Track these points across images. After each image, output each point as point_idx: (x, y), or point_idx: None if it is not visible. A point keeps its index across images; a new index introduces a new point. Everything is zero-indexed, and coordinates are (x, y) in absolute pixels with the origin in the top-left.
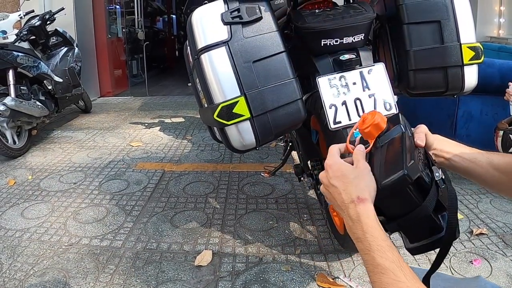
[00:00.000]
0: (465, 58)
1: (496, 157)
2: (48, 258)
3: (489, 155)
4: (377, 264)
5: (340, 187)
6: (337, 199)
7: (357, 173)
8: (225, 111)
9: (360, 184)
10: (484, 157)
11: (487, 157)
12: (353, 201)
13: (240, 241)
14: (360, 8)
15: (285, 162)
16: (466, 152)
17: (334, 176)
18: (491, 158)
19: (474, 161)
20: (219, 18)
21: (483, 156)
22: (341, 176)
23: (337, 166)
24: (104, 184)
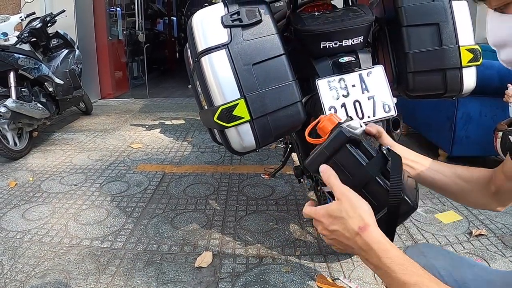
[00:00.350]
0: (463, 60)
1: (460, 168)
2: (49, 259)
3: (453, 167)
4: (403, 282)
5: (340, 228)
6: (344, 240)
7: (345, 207)
8: (225, 114)
9: (354, 215)
10: (449, 168)
11: (452, 169)
12: (357, 234)
13: (240, 242)
14: (359, 11)
15: (285, 164)
16: (431, 162)
17: (329, 223)
18: (455, 169)
19: (439, 171)
20: (219, 21)
21: (448, 167)
22: (333, 219)
23: (323, 213)
24: (104, 185)
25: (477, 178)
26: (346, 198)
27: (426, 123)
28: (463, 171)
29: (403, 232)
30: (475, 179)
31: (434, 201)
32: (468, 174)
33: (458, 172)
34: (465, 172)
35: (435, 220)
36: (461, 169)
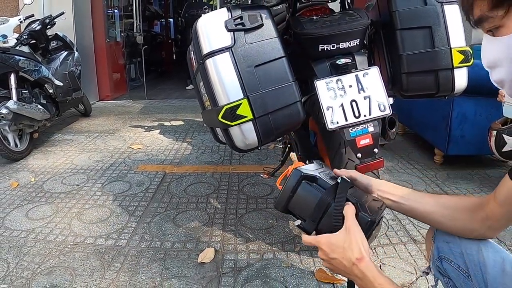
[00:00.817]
0: (455, 61)
1: (445, 197)
2: (54, 257)
3: (437, 197)
4: None
5: (339, 256)
6: (341, 267)
7: (349, 238)
8: (229, 113)
9: (353, 246)
10: (433, 198)
11: (436, 198)
12: (354, 264)
13: (241, 239)
14: (355, 15)
15: (284, 163)
16: (414, 194)
17: (330, 251)
18: (439, 199)
19: (421, 202)
20: (223, 25)
21: (431, 197)
22: (335, 248)
23: (325, 242)
24: (106, 185)
25: (464, 205)
26: (353, 231)
27: (422, 123)
28: (449, 200)
29: (400, 228)
30: (462, 206)
31: None
32: (453, 203)
33: (443, 201)
34: (451, 201)
35: None
36: (446, 198)
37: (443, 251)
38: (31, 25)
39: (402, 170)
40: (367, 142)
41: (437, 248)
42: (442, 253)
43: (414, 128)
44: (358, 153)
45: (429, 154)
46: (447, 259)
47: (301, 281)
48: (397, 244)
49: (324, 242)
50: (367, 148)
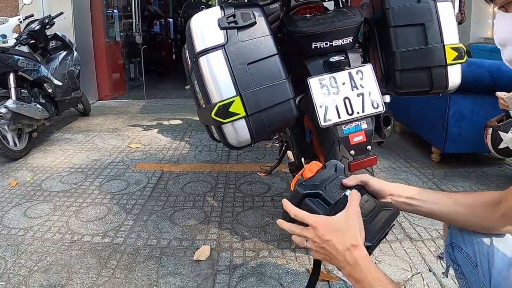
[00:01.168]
0: (448, 58)
1: (462, 196)
2: (51, 254)
3: (453, 195)
4: None
5: (334, 239)
6: (332, 251)
7: (348, 223)
8: (221, 110)
9: (352, 232)
10: (449, 198)
11: (452, 198)
12: (348, 249)
13: (237, 237)
14: (348, 13)
15: (281, 161)
16: (429, 195)
17: (326, 232)
18: (456, 197)
19: (438, 202)
20: (216, 23)
21: (447, 197)
22: (332, 230)
23: (322, 221)
24: (104, 184)
25: (481, 202)
26: (354, 217)
27: (419, 121)
28: (465, 198)
29: (396, 226)
30: (479, 204)
31: None
32: (469, 201)
33: (460, 200)
34: (467, 199)
35: None
36: (463, 196)
37: (455, 238)
38: (31, 25)
39: (399, 168)
40: (360, 139)
41: (450, 235)
42: (454, 240)
43: (411, 127)
44: (352, 150)
45: (426, 152)
46: (458, 247)
47: (296, 279)
48: (392, 241)
49: (321, 222)
50: (360, 145)
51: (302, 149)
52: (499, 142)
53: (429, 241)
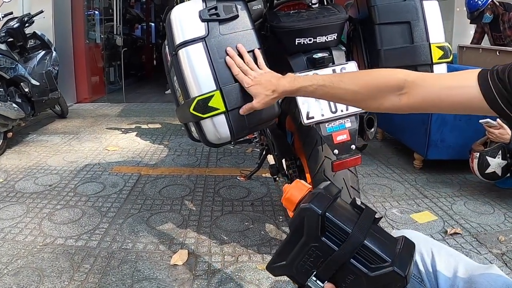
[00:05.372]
0: (434, 57)
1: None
2: (22, 257)
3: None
4: (346, 88)
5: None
6: (269, 79)
7: None
8: (200, 105)
9: None
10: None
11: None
12: (280, 78)
13: (216, 241)
14: (333, 10)
15: (261, 166)
16: None
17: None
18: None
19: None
20: (197, 15)
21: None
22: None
23: None
24: (79, 186)
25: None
26: None
27: (401, 127)
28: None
29: None
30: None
31: (409, 202)
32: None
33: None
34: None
35: (410, 220)
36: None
37: None
38: (9, 22)
39: (382, 174)
40: (344, 138)
41: None
42: None
43: (393, 133)
44: (335, 149)
45: (408, 159)
46: None
47: (276, 285)
48: None
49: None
50: (344, 144)
51: (283, 151)
52: (486, 167)
53: None
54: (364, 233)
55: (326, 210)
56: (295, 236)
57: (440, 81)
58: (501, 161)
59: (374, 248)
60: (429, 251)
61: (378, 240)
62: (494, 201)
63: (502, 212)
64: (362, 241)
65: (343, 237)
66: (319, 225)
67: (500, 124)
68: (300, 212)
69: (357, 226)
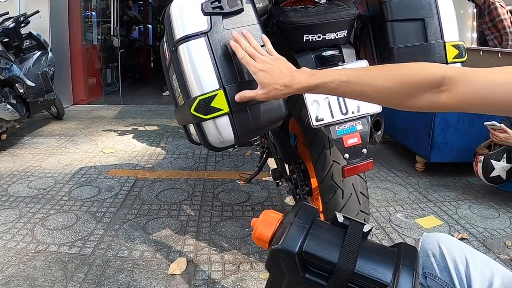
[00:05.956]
0: (449, 56)
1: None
2: (14, 265)
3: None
4: (376, 85)
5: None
6: (282, 68)
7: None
8: (202, 105)
9: None
10: None
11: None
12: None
13: (215, 248)
14: (343, 5)
15: (261, 169)
16: None
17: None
18: None
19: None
20: (199, 8)
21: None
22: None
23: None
24: (74, 190)
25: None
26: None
27: (403, 130)
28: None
29: (384, 237)
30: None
31: (413, 206)
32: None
33: None
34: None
35: (415, 225)
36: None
37: (427, 266)
38: (5, 22)
39: (384, 177)
40: (355, 141)
41: (421, 265)
42: (426, 269)
43: (394, 136)
44: (346, 154)
45: (410, 162)
46: (431, 275)
47: None
48: None
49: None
50: (355, 148)
51: (287, 155)
52: (491, 171)
53: None
54: (353, 258)
55: (303, 245)
56: (276, 278)
57: (485, 77)
58: (505, 164)
59: (367, 273)
60: (463, 258)
61: (371, 261)
62: (498, 204)
63: (507, 216)
64: (352, 269)
65: (330, 269)
66: (298, 264)
67: (504, 128)
68: (273, 255)
69: (344, 252)
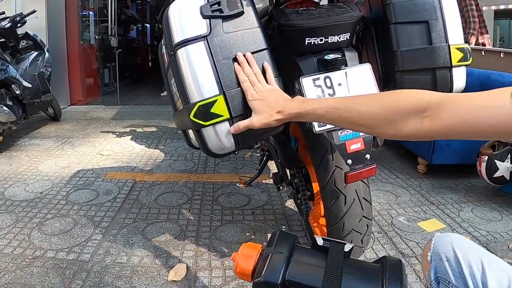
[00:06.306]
0: (453, 60)
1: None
2: (10, 272)
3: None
4: (362, 111)
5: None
6: (274, 98)
7: None
8: (202, 111)
9: None
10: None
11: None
12: (289, 100)
13: (216, 254)
14: (345, 7)
15: (261, 172)
16: None
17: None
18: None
19: None
20: (198, 11)
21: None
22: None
23: None
24: (71, 194)
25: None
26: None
27: None
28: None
29: (387, 241)
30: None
31: (416, 209)
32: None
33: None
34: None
35: (418, 229)
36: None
37: (440, 271)
38: (1, 22)
39: (385, 180)
40: (358, 146)
41: (434, 268)
42: (439, 274)
43: None
44: (348, 159)
45: (411, 163)
46: (444, 280)
47: None
48: None
49: None
50: (359, 153)
51: (288, 159)
52: (494, 171)
53: None
54: (337, 281)
55: (285, 274)
56: None
57: (468, 101)
58: (510, 165)
59: None
60: (479, 263)
61: (356, 280)
62: (501, 207)
63: (510, 218)
64: None
65: None
66: None
67: None
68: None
69: (327, 275)
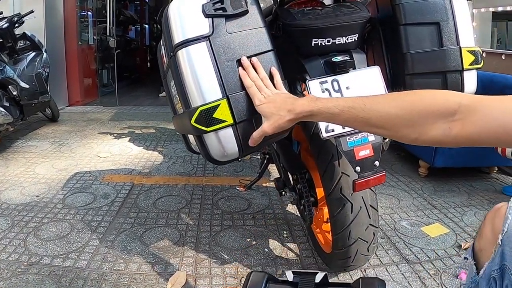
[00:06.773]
0: (465, 63)
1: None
2: (5, 279)
3: None
4: (382, 112)
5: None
6: (282, 99)
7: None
8: (204, 116)
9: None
10: None
11: None
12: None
13: (216, 260)
14: (353, 7)
15: (262, 175)
16: None
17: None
18: None
19: None
20: (199, 10)
21: None
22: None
23: None
24: (68, 197)
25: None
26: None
27: None
28: None
29: (390, 247)
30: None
31: (418, 213)
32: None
33: None
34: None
35: (421, 234)
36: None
37: (509, 259)
38: None
39: (387, 183)
40: (367, 153)
41: (502, 254)
42: (506, 262)
43: None
44: (357, 166)
45: (413, 166)
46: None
47: None
48: (388, 264)
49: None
50: (367, 160)
51: (291, 163)
52: None
53: (427, 263)
54: None
55: None
56: None
57: (503, 104)
58: None
59: None
60: None
61: None
62: None
63: None
64: None
65: None
66: None
67: None
68: None
69: None
